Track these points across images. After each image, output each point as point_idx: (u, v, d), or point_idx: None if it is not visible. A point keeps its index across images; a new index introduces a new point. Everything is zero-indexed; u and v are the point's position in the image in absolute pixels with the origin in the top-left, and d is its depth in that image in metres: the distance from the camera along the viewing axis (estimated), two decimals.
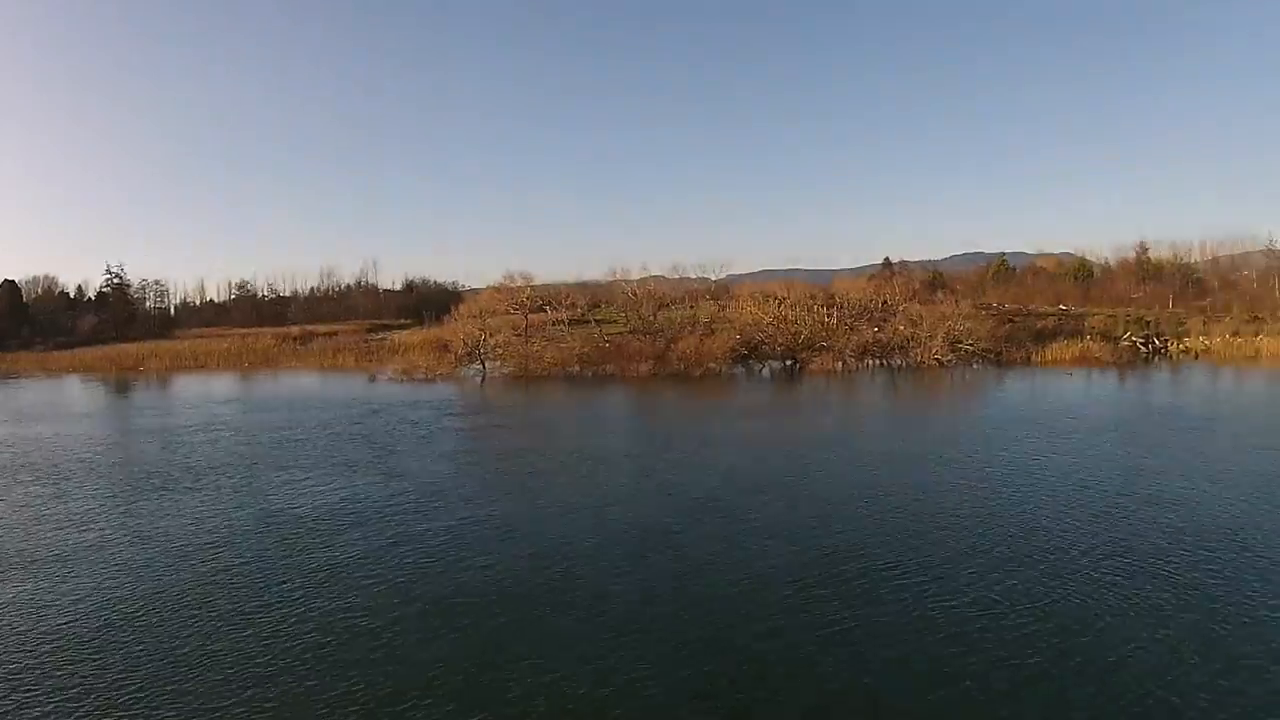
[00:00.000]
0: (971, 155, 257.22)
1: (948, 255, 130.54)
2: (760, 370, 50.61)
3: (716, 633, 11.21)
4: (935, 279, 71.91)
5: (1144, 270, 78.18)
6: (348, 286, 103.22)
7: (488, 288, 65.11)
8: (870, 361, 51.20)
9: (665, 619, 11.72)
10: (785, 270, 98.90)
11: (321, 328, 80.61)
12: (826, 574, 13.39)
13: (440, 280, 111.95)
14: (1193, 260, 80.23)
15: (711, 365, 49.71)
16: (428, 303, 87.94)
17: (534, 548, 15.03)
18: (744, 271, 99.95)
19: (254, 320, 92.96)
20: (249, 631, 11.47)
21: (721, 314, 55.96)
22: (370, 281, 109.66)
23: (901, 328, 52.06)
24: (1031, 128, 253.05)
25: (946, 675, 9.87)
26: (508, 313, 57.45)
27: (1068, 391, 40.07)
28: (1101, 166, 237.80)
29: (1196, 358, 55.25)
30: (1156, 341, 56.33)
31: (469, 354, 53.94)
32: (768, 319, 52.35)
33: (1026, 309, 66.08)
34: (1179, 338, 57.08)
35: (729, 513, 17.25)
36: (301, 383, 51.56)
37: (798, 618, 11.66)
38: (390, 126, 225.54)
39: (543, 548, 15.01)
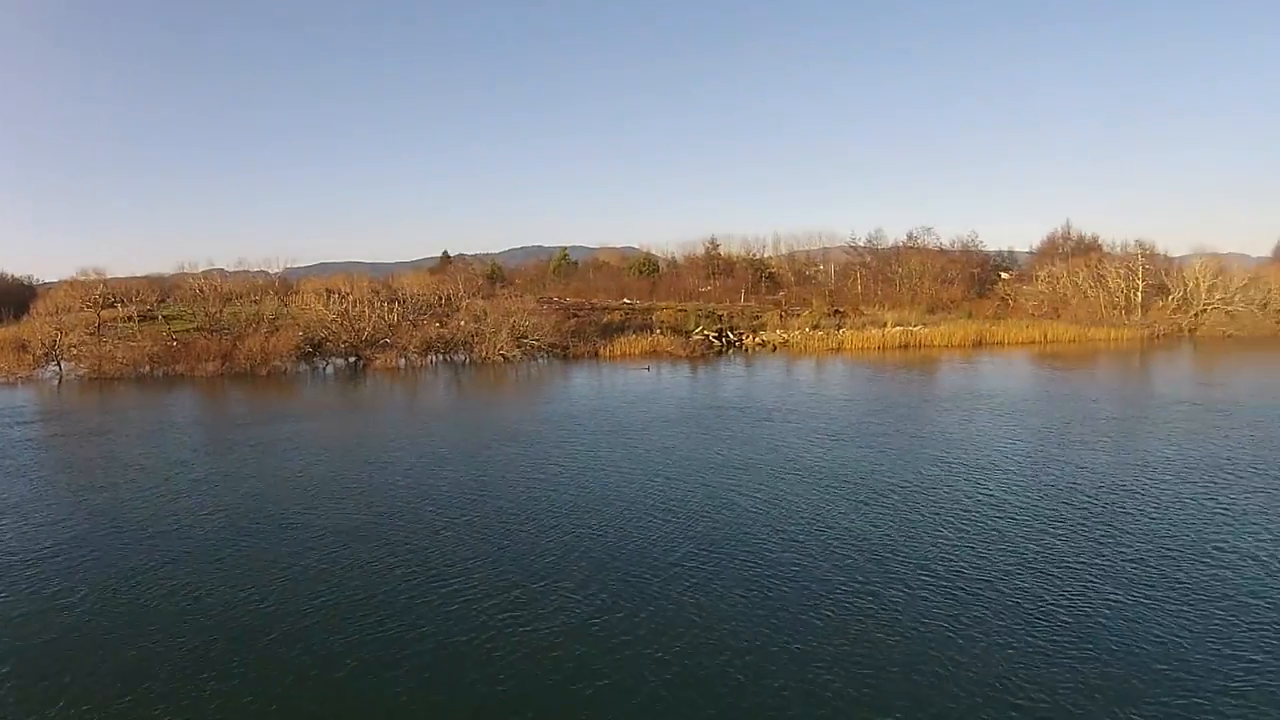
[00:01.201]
0: (530, 152, 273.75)
1: (507, 249, 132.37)
2: (324, 368, 51.86)
3: (282, 651, 11.59)
4: (495, 273, 74.44)
5: (714, 265, 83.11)
6: None
7: (62, 283, 63.59)
8: (434, 358, 53.68)
9: (221, 644, 11.90)
10: (344, 264, 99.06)
11: None
12: (394, 578, 14.28)
13: (16, 274, 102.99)
14: (765, 256, 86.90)
15: (277, 363, 50.73)
16: (3, 299, 79.53)
17: (107, 574, 14.97)
18: (303, 265, 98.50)
19: None
20: None
21: (286, 310, 56.54)
22: None
23: (464, 323, 54.67)
24: (605, 127, 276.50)
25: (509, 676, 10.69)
26: (82, 309, 56.39)
27: (636, 385, 41.79)
28: (672, 167, 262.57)
29: (774, 350, 58.94)
30: (730, 335, 61.18)
31: (46, 355, 52.76)
32: (331, 315, 53.80)
33: (590, 303, 68.09)
34: (754, 331, 62.22)
35: (293, 522, 17.92)
36: None
37: (352, 631, 12.24)
38: None
39: (118, 575, 14.96)
